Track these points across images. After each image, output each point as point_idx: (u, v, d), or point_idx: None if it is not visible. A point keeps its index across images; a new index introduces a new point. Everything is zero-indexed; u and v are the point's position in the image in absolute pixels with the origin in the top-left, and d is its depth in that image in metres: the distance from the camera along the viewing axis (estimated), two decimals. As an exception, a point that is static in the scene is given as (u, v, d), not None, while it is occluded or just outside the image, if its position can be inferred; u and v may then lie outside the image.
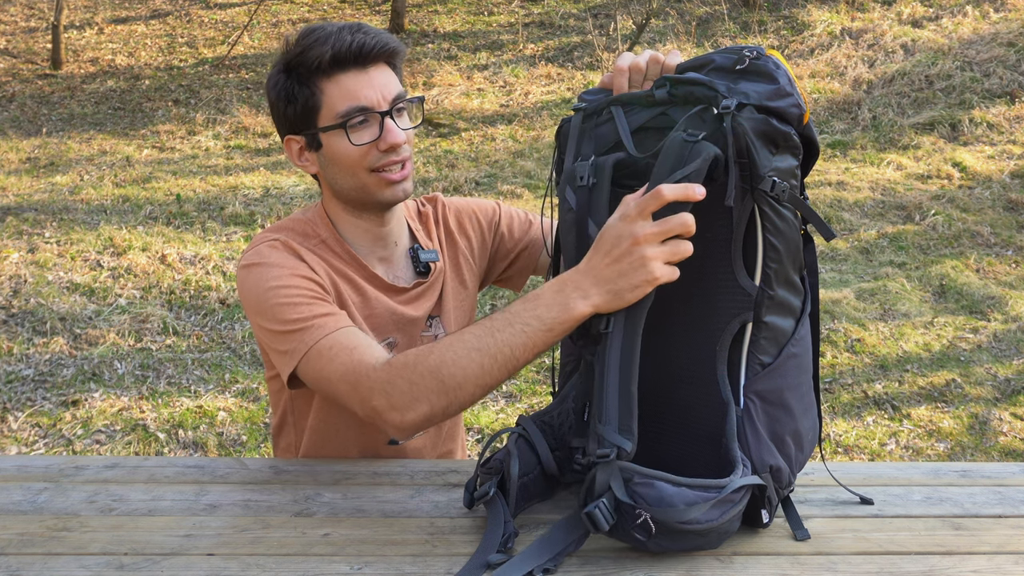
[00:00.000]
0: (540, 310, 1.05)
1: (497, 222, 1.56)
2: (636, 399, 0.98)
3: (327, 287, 1.31)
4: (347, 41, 1.26)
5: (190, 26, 11.00)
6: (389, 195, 1.33)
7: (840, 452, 3.54)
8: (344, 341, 1.19)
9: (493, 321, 1.09)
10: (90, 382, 3.87)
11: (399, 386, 1.11)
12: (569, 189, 1.11)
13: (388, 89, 1.30)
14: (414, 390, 1.10)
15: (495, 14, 10.99)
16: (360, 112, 1.28)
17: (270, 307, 1.24)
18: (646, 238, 0.99)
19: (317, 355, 1.19)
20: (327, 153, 1.33)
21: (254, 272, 1.28)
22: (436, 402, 1.10)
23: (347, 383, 1.16)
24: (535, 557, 0.96)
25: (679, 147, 1.00)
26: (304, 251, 1.33)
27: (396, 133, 1.29)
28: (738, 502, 0.98)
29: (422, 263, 1.44)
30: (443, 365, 1.08)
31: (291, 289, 1.25)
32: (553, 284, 1.06)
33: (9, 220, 5.62)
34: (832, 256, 5.59)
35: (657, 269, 0.99)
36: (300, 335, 1.22)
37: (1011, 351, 4.37)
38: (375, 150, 1.30)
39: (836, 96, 8.12)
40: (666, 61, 1.15)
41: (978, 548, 1.06)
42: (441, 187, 6.54)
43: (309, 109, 1.31)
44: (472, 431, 3.60)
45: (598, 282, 1.02)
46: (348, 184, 1.34)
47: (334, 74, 1.28)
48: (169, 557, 1.01)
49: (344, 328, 1.21)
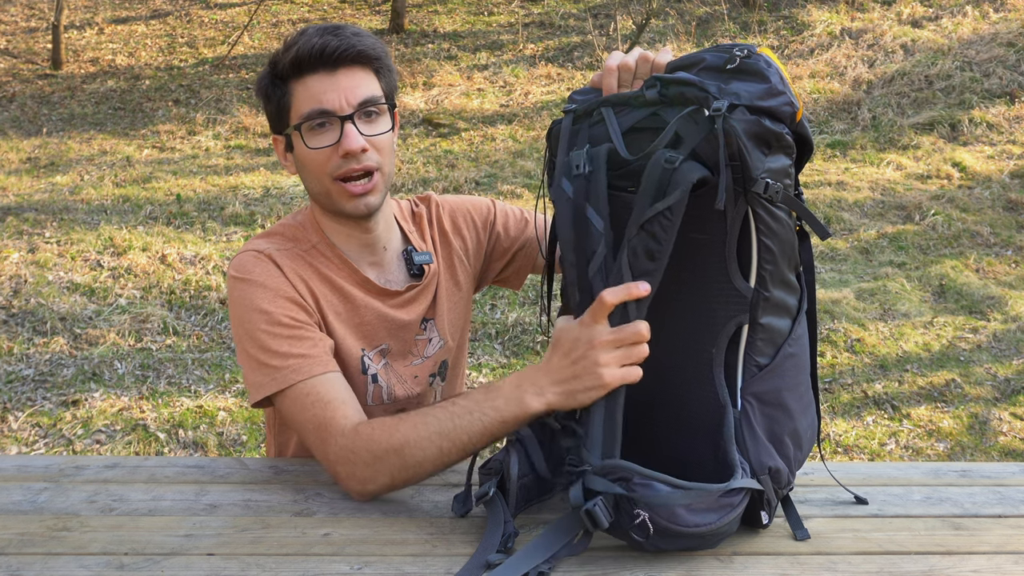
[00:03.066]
0: (499, 402, 1.11)
1: (492, 221, 1.54)
2: (620, 425, 1.01)
3: (309, 306, 1.30)
4: (313, 43, 1.26)
5: (190, 26, 11.00)
6: (351, 208, 1.30)
7: (840, 452, 3.55)
8: (322, 393, 1.21)
9: (455, 407, 1.13)
10: (90, 382, 3.87)
11: (363, 458, 1.14)
12: (565, 180, 1.10)
13: (354, 93, 1.27)
14: (377, 464, 1.14)
15: (495, 14, 10.99)
16: (320, 115, 1.26)
17: (251, 331, 1.25)
18: (601, 345, 1.02)
19: (292, 400, 1.22)
20: (297, 155, 1.32)
21: (239, 288, 1.28)
22: (397, 476, 1.15)
23: (315, 438, 1.20)
24: (533, 557, 0.96)
25: (660, 175, 0.99)
26: (288, 264, 1.31)
27: (352, 139, 1.26)
28: (737, 506, 0.98)
29: (416, 265, 1.42)
30: (407, 445, 1.13)
31: (272, 317, 1.25)
32: (513, 379, 1.11)
33: (9, 220, 5.62)
34: (832, 256, 5.59)
35: (607, 375, 1.02)
36: (273, 372, 1.23)
37: (1011, 351, 4.37)
38: (336, 156, 1.27)
39: (836, 96, 8.12)
40: (656, 60, 1.14)
41: (978, 548, 1.06)
42: (441, 187, 6.54)
43: (282, 109, 1.31)
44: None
45: (554, 382, 1.07)
46: (316, 189, 1.33)
47: (303, 75, 1.27)
48: (169, 557, 1.01)
49: (322, 376, 1.22)
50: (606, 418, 1.00)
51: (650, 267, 1.00)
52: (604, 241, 1.04)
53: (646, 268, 1.00)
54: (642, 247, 0.99)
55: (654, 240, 0.99)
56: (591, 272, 1.05)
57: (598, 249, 1.04)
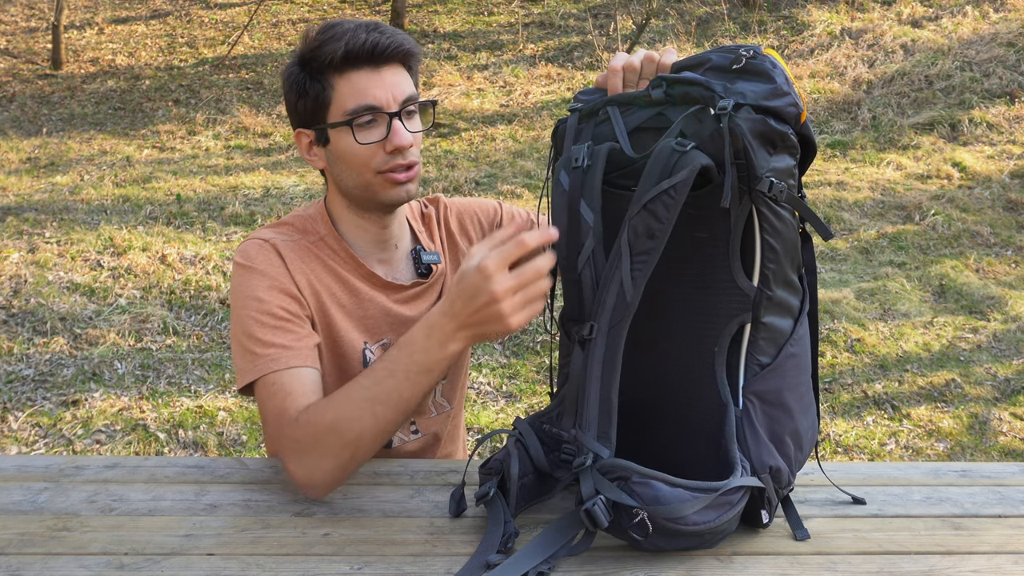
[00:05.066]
0: (416, 356, 1.11)
1: (499, 222, 1.56)
2: (616, 407, 1.00)
3: (304, 301, 1.31)
4: (362, 39, 1.26)
5: (190, 26, 11.00)
6: (393, 195, 1.33)
7: (840, 452, 3.54)
8: (286, 384, 1.21)
9: (375, 372, 1.13)
10: (90, 382, 3.87)
11: (304, 444, 1.15)
12: (563, 172, 1.10)
13: (399, 90, 1.29)
14: (317, 448, 1.14)
15: (495, 14, 10.99)
16: (368, 111, 1.28)
17: (243, 316, 1.27)
18: (504, 294, 1.04)
19: (261, 387, 1.23)
20: (334, 150, 1.33)
21: (240, 274, 1.31)
22: (340, 455, 1.13)
23: (273, 427, 1.20)
24: (533, 557, 0.96)
25: (668, 155, 1.00)
26: (292, 256, 1.33)
27: (403, 135, 1.28)
28: (736, 504, 0.98)
29: (424, 265, 1.44)
30: (339, 420, 1.13)
31: (263, 305, 1.27)
32: (422, 329, 1.12)
33: (9, 220, 5.62)
34: (832, 256, 5.59)
35: (514, 321, 1.06)
36: (253, 359, 1.24)
37: (1011, 351, 4.37)
38: (381, 152, 1.29)
39: (836, 96, 8.12)
40: (661, 60, 1.15)
41: (978, 548, 1.06)
42: (441, 187, 6.54)
43: (319, 104, 1.30)
44: (472, 431, 3.60)
45: (462, 327, 1.09)
46: (353, 182, 1.34)
47: (346, 71, 1.28)
48: (169, 557, 1.01)
49: (292, 369, 1.23)
50: (601, 399, 0.99)
51: (648, 246, 0.99)
52: (593, 234, 1.04)
53: (645, 247, 0.99)
54: (643, 226, 0.99)
55: (655, 219, 0.99)
56: (580, 264, 1.05)
57: (586, 242, 1.05)
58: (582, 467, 0.98)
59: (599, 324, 1.01)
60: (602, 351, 1.00)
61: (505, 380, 4.07)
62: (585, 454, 0.98)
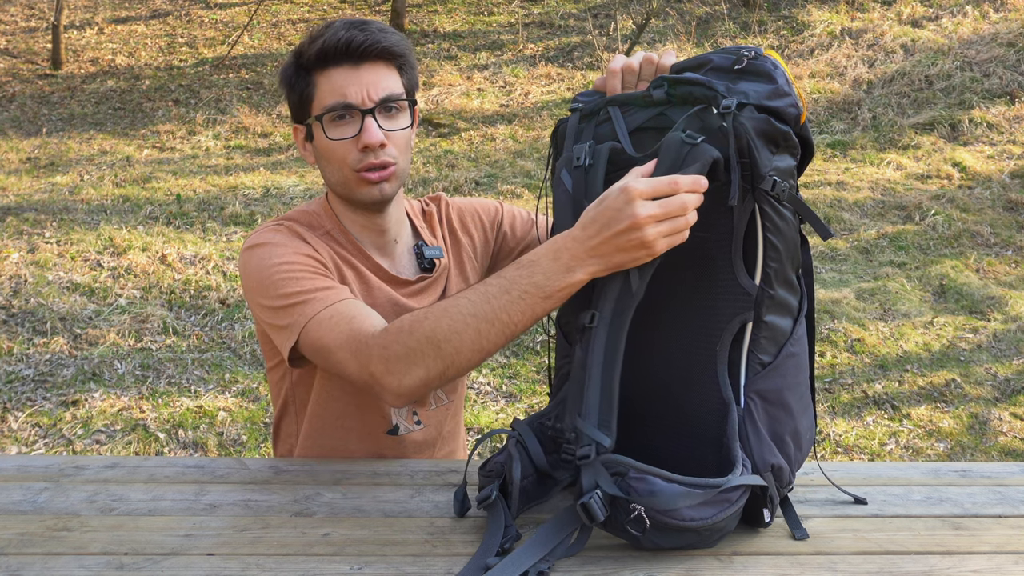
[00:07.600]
0: (537, 277, 1.05)
1: (500, 221, 1.58)
2: (616, 396, 0.99)
3: (330, 267, 1.32)
4: (339, 36, 1.28)
5: (190, 26, 11.00)
6: (366, 194, 1.33)
7: (840, 452, 3.54)
8: (344, 311, 1.20)
9: (488, 287, 1.09)
10: (90, 382, 3.87)
11: (395, 351, 1.11)
12: (565, 171, 1.11)
13: (376, 88, 1.30)
14: (411, 355, 1.10)
15: (495, 14, 10.99)
16: (342, 108, 1.29)
17: (271, 283, 1.26)
18: (647, 220, 0.99)
19: (317, 325, 1.21)
20: (317, 146, 1.35)
21: (256, 252, 1.30)
22: (432, 367, 1.10)
23: (346, 351, 1.17)
24: (531, 555, 0.96)
25: (678, 147, 1.01)
26: (309, 236, 1.35)
27: (372, 133, 1.28)
28: (735, 502, 0.98)
29: (427, 259, 1.45)
30: (438, 331, 1.09)
31: (293, 265, 1.27)
32: (548, 251, 1.06)
33: (9, 220, 5.62)
34: (832, 256, 5.59)
35: (658, 246, 1.00)
36: (301, 308, 1.23)
37: (1011, 351, 4.37)
38: (355, 149, 1.31)
39: (836, 96, 8.12)
40: (660, 61, 1.15)
41: (978, 548, 1.06)
42: (441, 187, 6.54)
43: (304, 99, 1.34)
44: (472, 431, 3.60)
45: (595, 255, 1.02)
46: (334, 179, 1.36)
47: (327, 68, 1.30)
48: (169, 557, 1.01)
49: (345, 300, 1.23)
50: (603, 387, 0.99)
51: None
52: None
53: None
54: None
55: None
56: None
57: None
58: (586, 460, 0.97)
59: (601, 312, 1.01)
60: (604, 339, 1.00)
61: (505, 380, 4.07)
62: (586, 443, 0.98)
